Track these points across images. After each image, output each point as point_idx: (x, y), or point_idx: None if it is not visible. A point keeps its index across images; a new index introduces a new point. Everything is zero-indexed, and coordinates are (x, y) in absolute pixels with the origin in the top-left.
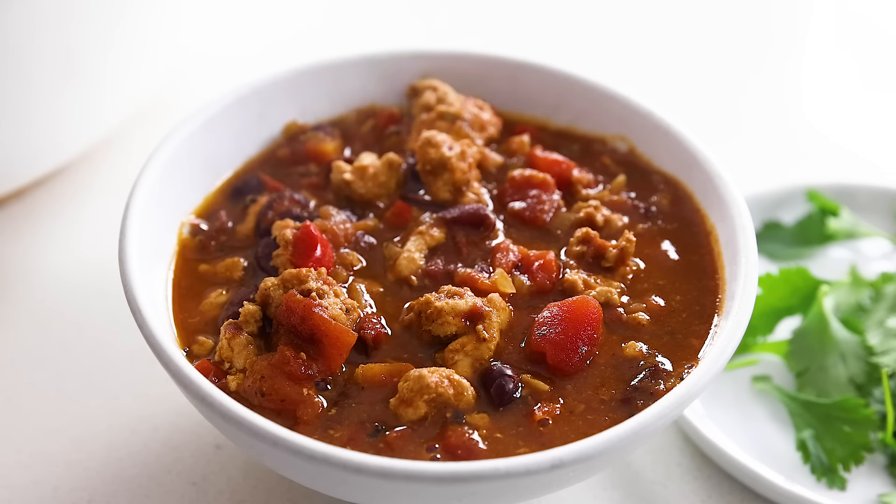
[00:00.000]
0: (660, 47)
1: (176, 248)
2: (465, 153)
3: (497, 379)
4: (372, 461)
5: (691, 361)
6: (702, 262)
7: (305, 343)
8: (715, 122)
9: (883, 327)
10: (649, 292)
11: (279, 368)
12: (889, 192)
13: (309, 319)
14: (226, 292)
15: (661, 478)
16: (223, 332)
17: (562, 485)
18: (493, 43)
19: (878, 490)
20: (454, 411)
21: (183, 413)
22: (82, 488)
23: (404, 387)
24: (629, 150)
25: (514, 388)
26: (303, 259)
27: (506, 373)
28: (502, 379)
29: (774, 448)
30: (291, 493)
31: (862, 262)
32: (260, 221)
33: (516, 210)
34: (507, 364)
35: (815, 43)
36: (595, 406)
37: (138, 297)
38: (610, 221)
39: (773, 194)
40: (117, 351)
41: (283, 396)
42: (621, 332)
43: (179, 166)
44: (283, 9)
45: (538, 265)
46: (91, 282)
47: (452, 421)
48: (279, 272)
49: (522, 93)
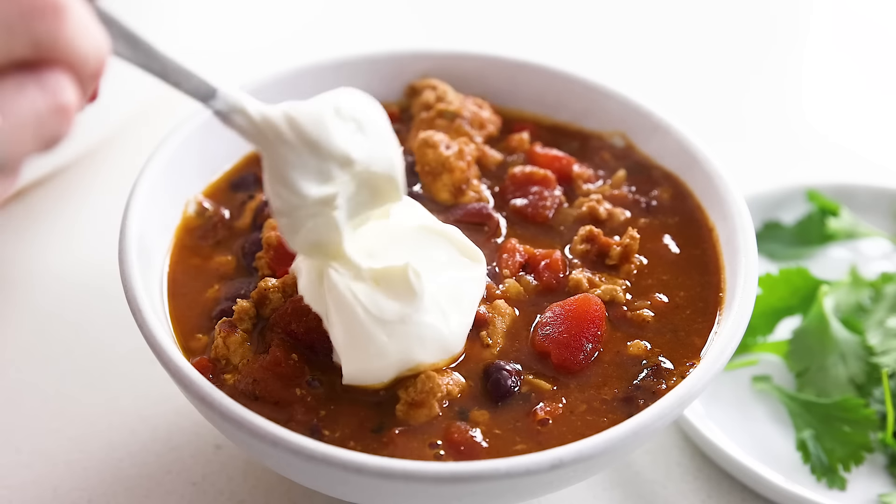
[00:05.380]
0: (660, 47)
1: (173, 242)
2: (462, 151)
3: (494, 374)
4: (372, 461)
5: (693, 359)
6: (704, 257)
7: (303, 348)
8: (715, 122)
9: (883, 327)
10: (653, 288)
11: (271, 371)
12: (889, 192)
13: (315, 332)
14: (219, 287)
15: (661, 478)
16: (218, 330)
17: (562, 485)
18: (493, 43)
19: (878, 490)
20: (459, 408)
21: (183, 413)
22: (82, 488)
23: (415, 389)
24: (627, 147)
25: (512, 383)
26: (281, 265)
27: (504, 368)
28: (499, 374)
29: (774, 448)
30: (291, 493)
31: (862, 262)
32: (256, 218)
33: (518, 207)
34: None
35: (815, 43)
36: (597, 406)
37: (138, 297)
38: (613, 215)
39: (773, 194)
40: (117, 351)
41: (277, 398)
42: (626, 330)
43: (179, 166)
44: (283, 8)
45: (544, 264)
46: (91, 282)
47: (457, 418)
48: (258, 273)
49: (522, 92)
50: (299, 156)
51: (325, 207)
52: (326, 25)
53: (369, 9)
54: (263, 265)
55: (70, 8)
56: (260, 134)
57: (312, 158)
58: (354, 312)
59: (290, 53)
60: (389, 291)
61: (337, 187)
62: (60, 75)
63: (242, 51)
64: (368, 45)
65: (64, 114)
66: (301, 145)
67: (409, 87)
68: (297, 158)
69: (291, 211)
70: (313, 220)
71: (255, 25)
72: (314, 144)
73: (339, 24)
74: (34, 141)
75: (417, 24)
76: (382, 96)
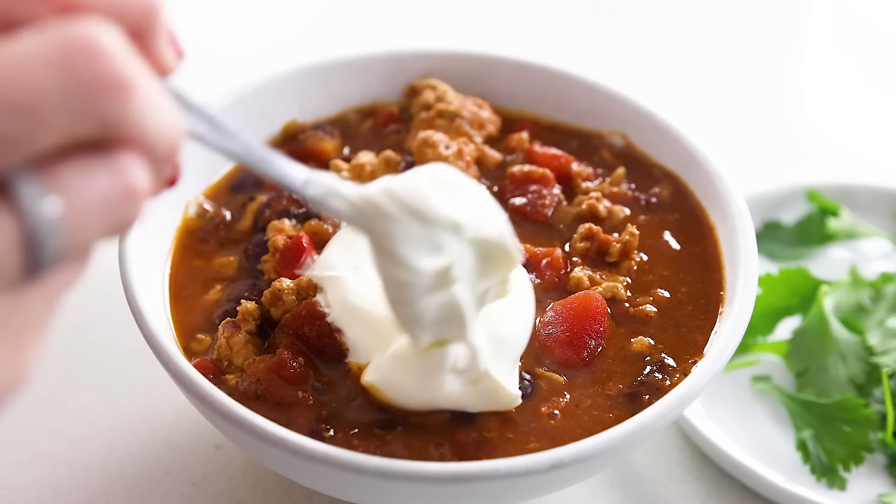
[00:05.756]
0: (660, 48)
1: (174, 244)
2: (462, 151)
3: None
4: (372, 461)
5: (695, 356)
6: (704, 254)
7: (312, 353)
8: (715, 122)
9: (883, 327)
10: (654, 284)
11: (275, 372)
12: (889, 192)
13: (327, 337)
14: (221, 288)
15: (661, 478)
16: (221, 330)
17: (562, 485)
18: (493, 43)
19: (878, 490)
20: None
21: (183, 413)
22: (82, 488)
23: None
24: (627, 146)
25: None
26: (287, 269)
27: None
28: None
29: (774, 448)
30: (291, 493)
31: (862, 262)
32: (258, 219)
33: (517, 206)
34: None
35: (815, 43)
36: (602, 402)
37: (138, 297)
38: (612, 213)
39: (773, 194)
40: (117, 351)
41: (279, 399)
42: (629, 326)
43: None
44: (283, 8)
45: (545, 263)
46: (91, 282)
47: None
48: (263, 277)
49: (522, 92)
50: (406, 229)
51: (443, 281)
52: (326, 25)
53: (369, 9)
54: (270, 269)
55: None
56: (360, 214)
57: (419, 229)
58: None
59: (290, 53)
60: (480, 392)
61: (450, 256)
62: (129, 156)
63: (242, 51)
64: (368, 45)
65: (133, 198)
66: (405, 216)
67: (409, 87)
68: (403, 232)
69: (408, 292)
70: (434, 300)
71: (255, 25)
72: (419, 213)
73: (339, 24)
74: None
75: (417, 24)
76: (382, 96)
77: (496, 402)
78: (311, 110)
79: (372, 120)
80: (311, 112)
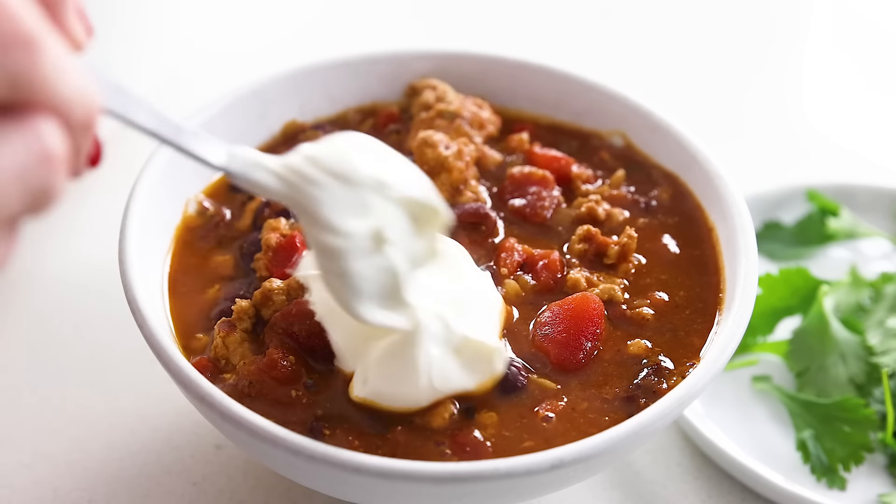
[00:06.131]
0: (660, 47)
1: (173, 242)
2: (461, 152)
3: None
4: (371, 461)
5: (693, 359)
6: (703, 257)
7: (302, 351)
8: (715, 122)
9: (883, 327)
10: (652, 287)
11: (266, 373)
12: (889, 192)
13: (317, 337)
14: (219, 286)
15: (661, 478)
16: (217, 329)
17: (562, 485)
18: (493, 43)
19: (878, 490)
20: (465, 406)
21: (183, 413)
22: (82, 488)
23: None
24: (626, 146)
25: (521, 378)
26: (279, 267)
27: (512, 363)
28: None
29: (774, 448)
30: (291, 493)
31: (862, 262)
32: (257, 219)
33: (516, 207)
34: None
35: (815, 43)
36: (598, 405)
37: (138, 297)
38: (611, 216)
39: (773, 194)
40: (117, 351)
41: (273, 400)
42: (626, 328)
43: (180, 166)
44: (283, 8)
45: (542, 264)
46: (91, 282)
47: (463, 417)
48: (257, 274)
49: (522, 92)
50: (331, 192)
51: (376, 244)
52: (326, 25)
53: (369, 9)
54: (262, 266)
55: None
56: (284, 183)
57: (345, 191)
58: (418, 375)
59: (290, 53)
60: (466, 361)
61: (378, 217)
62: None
63: (242, 51)
64: (368, 45)
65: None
66: (330, 180)
67: (409, 87)
68: (329, 196)
69: (341, 260)
70: (369, 265)
71: (255, 25)
72: (342, 175)
73: (339, 24)
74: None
75: (417, 24)
76: (382, 96)
77: (484, 364)
78: (311, 110)
79: (372, 120)
80: (311, 112)
